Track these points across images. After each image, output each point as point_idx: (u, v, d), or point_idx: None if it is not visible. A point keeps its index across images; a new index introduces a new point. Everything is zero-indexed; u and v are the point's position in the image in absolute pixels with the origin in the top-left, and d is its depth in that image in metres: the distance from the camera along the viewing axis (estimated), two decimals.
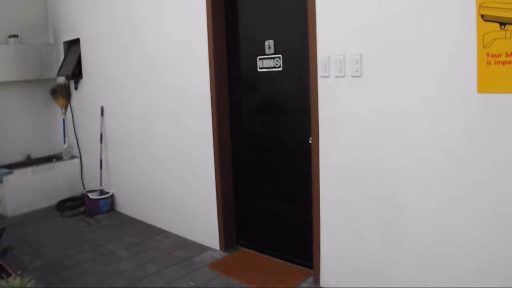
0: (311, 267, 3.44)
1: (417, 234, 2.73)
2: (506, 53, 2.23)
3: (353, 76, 2.90)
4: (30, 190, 5.49)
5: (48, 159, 6.03)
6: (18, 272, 3.18)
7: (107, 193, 5.43)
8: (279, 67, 3.53)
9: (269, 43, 3.57)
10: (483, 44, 2.31)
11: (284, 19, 3.47)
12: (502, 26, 2.23)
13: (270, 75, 3.61)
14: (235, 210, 4.13)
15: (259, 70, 3.69)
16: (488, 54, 2.29)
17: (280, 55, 3.52)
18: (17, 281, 2.35)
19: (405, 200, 2.76)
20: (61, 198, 5.71)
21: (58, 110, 6.10)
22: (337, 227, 3.15)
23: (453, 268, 2.58)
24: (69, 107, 5.99)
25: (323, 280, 3.30)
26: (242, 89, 3.91)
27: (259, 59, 3.67)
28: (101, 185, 5.50)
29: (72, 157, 6.02)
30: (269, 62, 3.58)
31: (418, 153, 2.66)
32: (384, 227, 2.89)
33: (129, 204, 5.22)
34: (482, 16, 2.29)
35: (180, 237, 4.45)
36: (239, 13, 3.82)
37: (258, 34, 3.65)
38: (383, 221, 2.89)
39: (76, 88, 5.80)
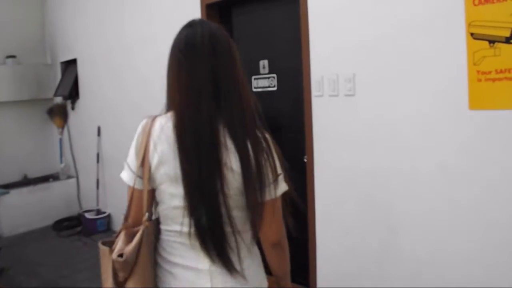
0: (307, 285, 3.43)
1: (412, 250, 2.73)
2: (496, 70, 2.26)
3: (346, 95, 2.92)
4: (26, 210, 5.47)
5: (44, 178, 6.02)
6: None
7: (104, 212, 5.42)
8: (274, 86, 3.56)
9: (264, 63, 3.61)
10: (473, 61, 2.34)
11: (279, 38, 3.51)
12: (491, 44, 2.27)
13: (265, 95, 3.63)
14: None
15: (253, 89, 3.72)
16: (478, 71, 2.33)
17: (274, 75, 3.55)
18: None
19: (400, 218, 2.77)
20: (58, 218, 5.69)
21: (55, 130, 6.12)
22: (333, 244, 3.15)
23: (450, 282, 2.58)
24: (66, 127, 6.02)
25: None
26: None
27: (254, 78, 3.71)
28: (97, 205, 5.49)
29: (69, 177, 6.02)
30: (264, 82, 3.61)
31: (412, 170, 2.67)
32: (379, 245, 2.89)
33: None
34: (472, 34, 2.33)
35: None
36: (233, 33, 3.86)
37: (253, 54, 3.69)
38: (379, 239, 2.89)
39: (73, 108, 5.83)
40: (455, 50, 2.40)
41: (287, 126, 3.55)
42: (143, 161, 1.43)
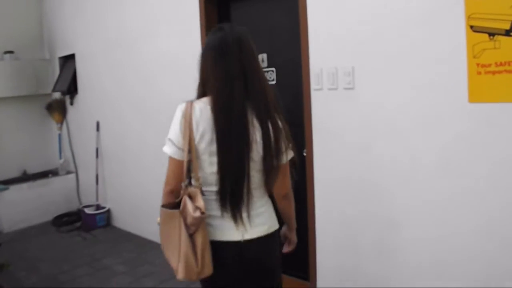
0: (307, 279, 3.43)
1: (412, 245, 2.74)
2: (496, 63, 2.25)
3: (345, 88, 2.92)
4: (26, 206, 5.47)
5: (44, 174, 6.02)
6: None
7: (103, 207, 5.43)
8: (273, 80, 3.55)
9: (262, 57, 3.59)
10: (473, 54, 2.33)
11: (277, 32, 3.50)
12: (491, 37, 2.26)
13: None
14: None
15: None
16: (478, 64, 2.32)
17: (273, 69, 3.54)
18: None
19: (399, 211, 2.77)
20: (57, 214, 5.69)
21: (54, 126, 6.11)
22: (333, 239, 3.16)
23: (449, 278, 2.59)
24: (64, 122, 6.01)
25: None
26: None
27: None
28: (97, 200, 5.49)
29: (68, 172, 6.02)
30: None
31: (411, 163, 2.67)
32: (379, 239, 2.90)
33: (125, 219, 5.22)
34: (472, 27, 2.32)
35: None
36: None
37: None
38: (378, 233, 2.90)
39: (71, 103, 5.81)
40: (455, 42, 2.39)
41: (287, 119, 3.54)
42: (189, 138, 1.78)
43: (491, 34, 2.26)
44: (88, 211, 5.36)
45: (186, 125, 1.81)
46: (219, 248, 1.82)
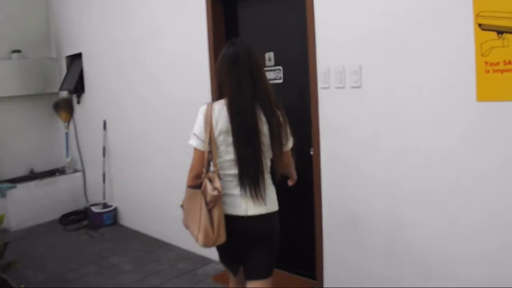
0: (314, 278, 3.43)
1: (419, 244, 2.73)
2: (504, 61, 2.24)
3: (353, 87, 2.91)
4: (33, 204, 5.49)
5: (51, 173, 6.04)
6: (22, 286, 3.19)
7: (110, 206, 5.44)
8: (280, 79, 3.54)
9: (270, 55, 3.59)
10: (481, 52, 2.32)
11: (284, 31, 3.50)
12: (500, 35, 2.25)
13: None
14: None
15: None
16: (486, 63, 2.31)
17: (280, 67, 3.54)
18: None
19: (407, 210, 2.76)
20: (64, 212, 5.71)
21: (61, 124, 6.13)
22: (340, 238, 3.15)
23: (456, 276, 2.58)
24: (71, 121, 6.02)
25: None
26: None
27: None
28: (104, 199, 5.50)
29: (75, 170, 6.04)
30: (269, 74, 3.59)
31: (419, 162, 2.66)
32: (386, 237, 2.89)
33: (132, 217, 5.23)
34: (480, 25, 2.31)
35: (183, 249, 4.44)
36: (239, 26, 3.85)
37: (259, 47, 3.65)
38: (385, 231, 2.89)
39: (78, 102, 5.83)
40: (463, 41, 2.38)
41: (293, 119, 3.50)
42: (210, 132, 2.19)
43: (500, 32, 2.25)
44: (95, 209, 5.37)
45: (207, 122, 2.21)
46: (228, 220, 2.22)
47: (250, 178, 2.21)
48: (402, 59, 2.67)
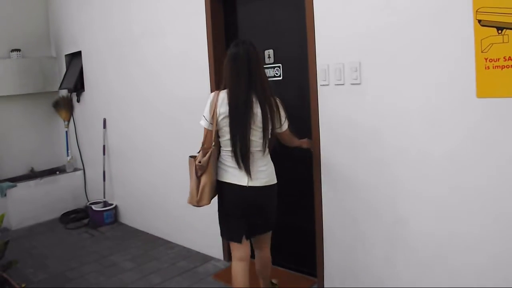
0: (315, 275, 3.43)
1: (419, 240, 2.73)
2: (504, 58, 2.24)
3: (352, 84, 2.91)
4: (33, 203, 5.49)
5: (51, 171, 6.04)
6: (23, 285, 3.19)
7: (111, 204, 5.44)
8: (279, 76, 3.54)
9: (269, 53, 3.59)
10: (481, 49, 2.32)
11: (283, 28, 3.49)
12: (499, 31, 2.24)
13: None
14: None
15: None
16: (486, 59, 2.30)
17: (280, 64, 3.53)
18: None
19: (407, 206, 2.76)
20: (65, 211, 5.72)
21: (61, 123, 6.13)
22: (340, 235, 3.15)
23: (458, 275, 2.58)
24: (71, 119, 6.02)
25: (327, 286, 3.29)
26: None
27: None
28: (104, 197, 5.50)
29: (76, 169, 6.04)
30: (269, 72, 3.59)
31: (418, 159, 2.66)
32: (386, 234, 2.89)
33: (132, 216, 5.23)
34: (479, 21, 2.30)
35: (184, 247, 4.45)
36: (238, 23, 3.84)
37: (258, 44, 3.65)
38: (385, 228, 2.89)
39: (78, 101, 5.83)
40: (462, 37, 2.38)
41: (292, 116, 3.52)
42: (213, 115, 2.69)
43: (500, 28, 2.24)
44: (95, 208, 5.37)
45: (212, 107, 2.71)
46: (230, 187, 2.74)
47: (239, 154, 2.65)
48: (402, 56, 2.66)
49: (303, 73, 3.25)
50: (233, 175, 2.72)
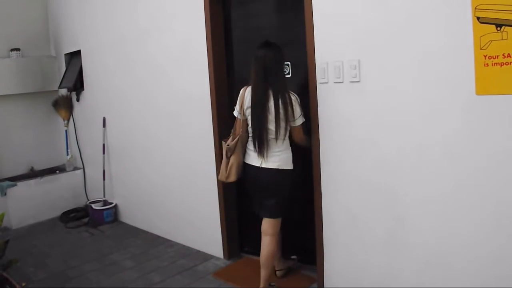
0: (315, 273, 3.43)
1: (419, 238, 2.73)
2: (503, 55, 2.24)
3: (351, 82, 2.91)
4: (33, 202, 5.49)
5: (51, 170, 6.04)
6: (23, 284, 3.19)
7: (111, 203, 5.44)
8: (288, 73, 3.53)
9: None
10: (480, 46, 2.31)
11: (289, 27, 3.51)
12: (498, 28, 2.24)
13: None
14: (239, 216, 4.16)
15: None
16: (485, 56, 2.30)
17: (289, 62, 3.52)
18: None
19: (406, 205, 2.76)
20: (65, 210, 5.72)
21: (61, 122, 6.13)
22: (340, 233, 3.15)
23: (457, 273, 2.58)
24: (71, 118, 6.02)
25: (327, 286, 3.29)
26: None
27: None
28: (104, 196, 5.51)
29: (75, 168, 6.04)
30: None
31: (418, 157, 2.66)
32: (387, 234, 2.89)
33: (132, 214, 5.23)
34: (478, 18, 2.30)
35: (184, 246, 4.45)
36: (232, 23, 3.85)
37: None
38: (385, 228, 2.89)
39: (78, 100, 5.83)
40: (461, 34, 2.38)
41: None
42: (241, 107, 3.15)
43: (499, 25, 2.24)
44: (95, 206, 5.38)
45: (240, 99, 3.16)
46: (249, 168, 3.20)
47: (257, 140, 3.06)
48: (400, 53, 2.66)
49: (303, 71, 3.24)
50: (253, 158, 3.14)
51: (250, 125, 3.13)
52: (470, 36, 2.34)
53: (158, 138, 4.62)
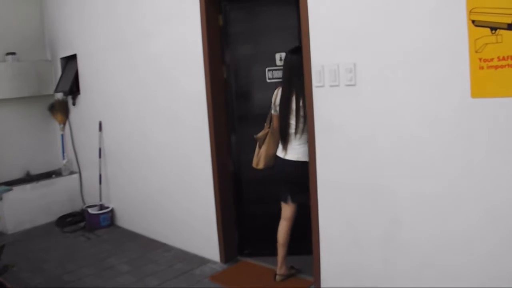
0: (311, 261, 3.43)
1: (416, 242, 2.73)
2: (498, 58, 2.24)
3: (347, 85, 2.91)
4: (30, 207, 5.48)
5: (47, 175, 6.02)
6: None
7: (107, 207, 5.43)
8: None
9: (281, 55, 3.74)
10: (475, 49, 2.32)
11: (289, 31, 3.60)
12: (493, 31, 2.25)
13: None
14: (237, 219, 4.16)
15: (268, 80, 3.89)
16: (480, 59, 2.31)
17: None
18: None
19: (402, 207, 2.76)
20: (61, 214, 5.70)
21: (57, 126, 6.12)
22: (337, 236, 3.15)
23: (453, 269, 2.58)
24: (67, 123, 6.01)
25: (324, 287, 3.29)
26: (245, 99, 4.08)
27: (268, 70, 3.89)
28: (100, 200, 5.49)
29: (72, 172, 6.03)
30: (279, 73, 3.75)
31: (414, 159, 2.67)
32: (383, 236, 2.89)
33: (129, 218, 5.22)
34: (473, 21, 2.31)
35: (180, 250, 4.44)
36: (231, 25, 3.86)
37: (268, 48, 3.85)
38: (382, 230, 2.89)
39: (74, 104, 5.82)
40: (456, 37, 2.38)
41: None
42: (274, 104, 3.48)
43: (493, 28, 2.25)
44: (91, 211, 5.36)
45: (274, 98, 3.49)
46: (277, 158, 3.51)
47: (282, 134, 3.41)
48: (396, 57, 2.67)
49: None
50: (280, 150, 3.49)
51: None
52: (465, 39, 2.35)
53: (154, 142, 4.62)
